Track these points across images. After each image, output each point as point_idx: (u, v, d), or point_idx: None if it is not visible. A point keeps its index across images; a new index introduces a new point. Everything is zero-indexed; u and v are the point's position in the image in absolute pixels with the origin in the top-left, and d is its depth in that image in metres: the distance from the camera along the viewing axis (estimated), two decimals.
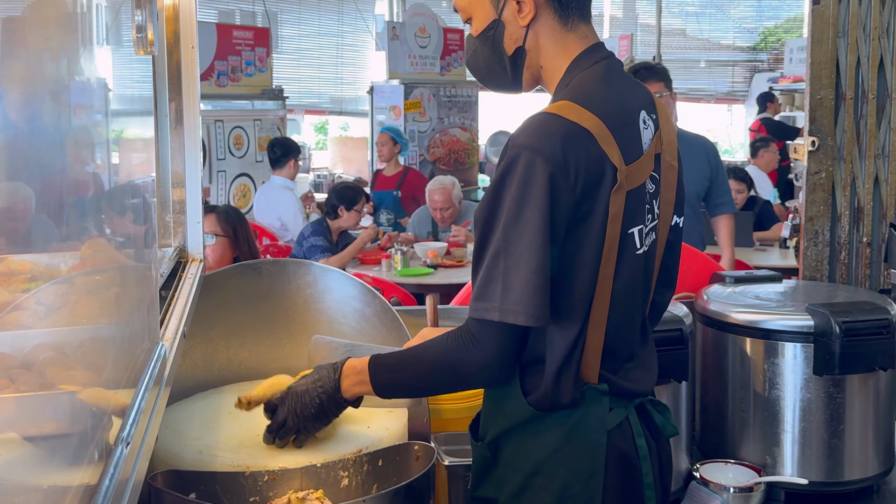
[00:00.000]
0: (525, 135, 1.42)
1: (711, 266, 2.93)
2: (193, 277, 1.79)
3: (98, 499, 0.71)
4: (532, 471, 1.48)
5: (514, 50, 1.55)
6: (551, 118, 1.42)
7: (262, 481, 1.59)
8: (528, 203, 1.38)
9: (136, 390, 0.95)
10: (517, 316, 1.38)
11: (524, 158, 1.39)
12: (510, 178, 1.40)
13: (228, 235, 3.41)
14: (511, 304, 1.38)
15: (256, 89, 7.75)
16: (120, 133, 1.30)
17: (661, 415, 1.60)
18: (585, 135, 1.41)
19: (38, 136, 0.77)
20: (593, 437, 1.47)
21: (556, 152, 1.38)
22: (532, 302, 1.37)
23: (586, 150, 1.41)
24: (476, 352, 1.42)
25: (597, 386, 1.48)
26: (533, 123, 1.43)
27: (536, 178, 1.37)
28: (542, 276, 1.38)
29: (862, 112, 2.59)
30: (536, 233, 1.37)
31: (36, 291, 0.79)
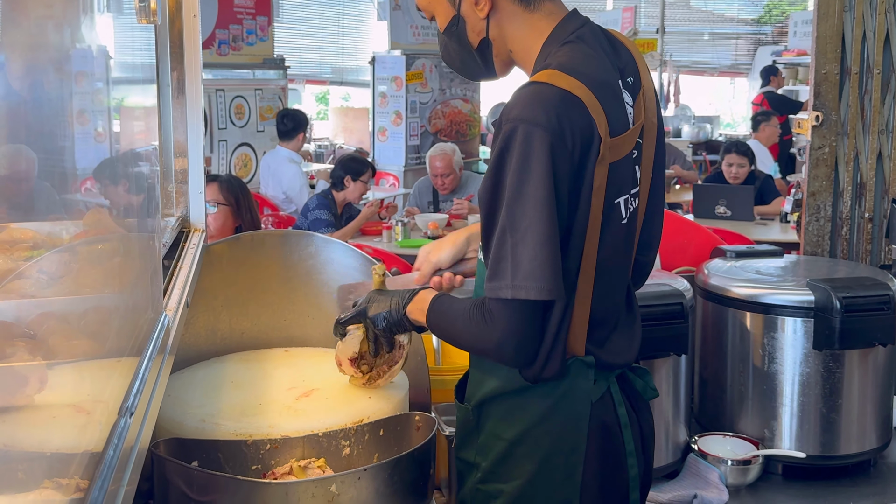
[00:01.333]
0: (518, 107, 1.40)
1: (712, 240, 2.93)
2: (196, 247, 1.79)
3: (102, 468, 0.72)
4: (515, 439, 1.50)
5: (478, 42, 1.56)
6: (543, 87, 1.41)
7: (264, 450, 1.60)
8: (530, 176, 1.37)
9: (139, 360, 0.96)
10: (528, 291, 1.37)
11: (521, 131, 1.37)
12: (509, 153, 1.39)
13: (230, 204, 3.40)
14: (521, 279, 1.37)
15: (258, 58, 7.71)
16: (122, 101, 1.30)
17: (641, 379, 1.61)
18: (577, 102, 1.40)
19: (40, 104, 0.77)
20: (577, 409, 1.48)
21: (553, 121, 1.37)
22: (542, 275, 1.37)
23: (579, 117, 1.40)
24: (491, 330, 1.42)
25: (583, 358, 1.48)
26: (525, 95, 1.42)
27: (535, 150, 1.36)
28: (549, 249, 1.37)
29: (867, 87, 2.58)
30: (540, 205, 1.36)
31: (38, 260, 0.79)
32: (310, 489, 1.45)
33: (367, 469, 1.50)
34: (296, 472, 1.57)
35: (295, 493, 1.44)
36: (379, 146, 8.56)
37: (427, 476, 1.63)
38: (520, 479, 1.50)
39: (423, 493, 1.62)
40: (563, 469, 1.49)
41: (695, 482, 2.02)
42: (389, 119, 8.48)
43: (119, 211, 1.09)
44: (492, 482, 1.53)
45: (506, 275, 1.39)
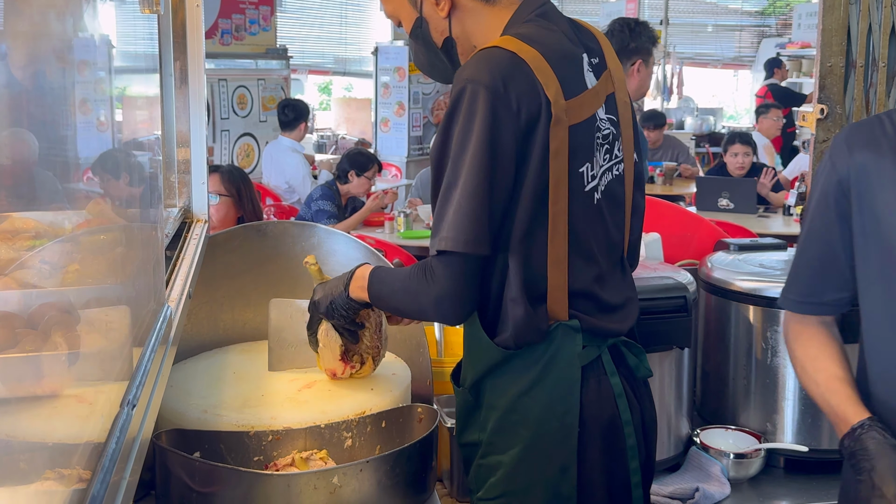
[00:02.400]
0: (468, 68, 1.44)
1: (716, 233, 2.92)
2: (199, 238, 1.79)
3: (104, 460, 0.71)
4: (508, 408, 1.51)
5: (443, 41, 1.59)
6: (492, 50, 1.45)
7: (266, 441, 1.60)
8: (471, 134, 1.40)
9: (141, 352, 0.95)
10: (452, 244, 1.40)
11: (468, 90, 1.41)
12: (457, 112, 1.42)
13: (232, 195, 3.40)
14: (446, 232, 1.41)
15: (260, 48, 7.69)
16: (124, 91, 1.29)
17: (636, 356, 1.61)
18: (524, 65, 1.43)
19: (42, 93, 0.77)
20: (567, 373, 1.49)
21: (497, 81, 1.40)
22: (467, 228, 1.40)
23: (526, 80, 1.42)
24: (430, 285, 1.45)
25: (568, 323, 1.49)
26: (475, 57, 1.46)
27: (478, 109, 1.40)
28: (476, 203, 1.40)
29: (872, 80, 2.57)
30: (475, 162, 1.39)
31: (40, 249, 0.78)
32: (312, 481, 1.45)
33: (369, 461, 1.50)
34: (298, 463, 1.57)
35: (297, 484, 1.44)
36: (381, 137, 8.55)
37: (429, 468, 1.63)
38: (516, 447, 1.51)
39: (424, 485, 1.62)
40: (558, 433, 1.49)
41: (697, 475, 2.02)
42: (392, 110, 8.46)
43: (121, 201, 1.08)
44: (491, 455, 1.54)
45: (437, 230, 1.43)
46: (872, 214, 1.41)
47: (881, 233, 1.40)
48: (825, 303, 1.53)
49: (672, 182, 6.88)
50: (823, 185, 1.47)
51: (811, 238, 1.52)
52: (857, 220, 1.43)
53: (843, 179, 1.43)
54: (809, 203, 1.54)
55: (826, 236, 1.48)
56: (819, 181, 1.49)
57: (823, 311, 1.54)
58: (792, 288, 1.57)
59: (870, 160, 1.41)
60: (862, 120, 1.50)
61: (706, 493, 1.94)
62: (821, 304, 1.53)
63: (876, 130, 1.43)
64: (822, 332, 1.53)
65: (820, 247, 1.50)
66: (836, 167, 1.45)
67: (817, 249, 1.51)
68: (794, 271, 1.57)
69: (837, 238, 1.47)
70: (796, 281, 1.57)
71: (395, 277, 1.57)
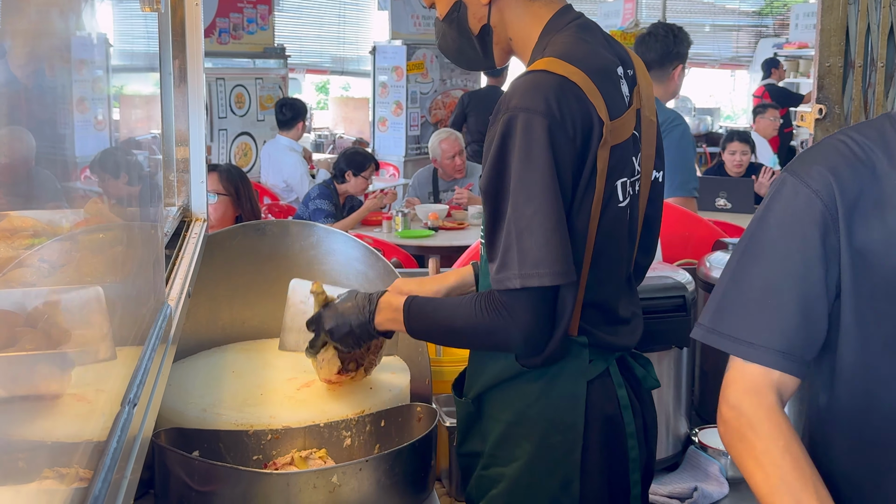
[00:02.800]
0: (517, 96, 1.40)
1: (714, 233, 2.92)
2: (198, 237, 1.79)
3: (106, 459, 0.71)
4: (513, 420, 1.50)
5: (479, 28, 1.56)
6: (540, 75, 1.41)
7: (265, 440, 1.60)
8: (533, 164, 1.36)
9: (142, 351, 0.95)
10: (542, 278, 1.36)
11: (521, 119, 1.37)
12: (510, 141, 1.38)
13: (230, 194, 3.39)
14: (530, 268, 1.36)
15: (258, 47, 7.69)
16: (123, 90, 1.29)
17: (643, 368, 1.61)
18: (575, 88, 1.40)
19: (41, 92, 0.76)
20: (572, 389, 1.48)
21: (552, 108, 1.37)
22: (553, 260, 1.36)
23: (578, 103, 1.40)
24: (512, 323, 1.40)
25: (576, 338, 1.48)
26: (523, 83, 1.41)
27: (536, 137, 1.36)
28: (559, 235, 1.37)
29: (870, 80, 2.57)
30: (546, 192, 1.36)
31: (39, 248, 0.78)
32: (311, 480, 1.44)
33: (368, 460, 1.50)
34: (297, 462, 1.57)
35: (296, 483, 1.44)
36: (379, 136, 8.55)
37: (428, 467, 1.63)
38: (519, 460, 1.50)
39: (424, 484, 1.62)
40: (561, 448, 1.48)
41: (695, 475, 2.02)
42: (390, 109, 8.46)
43: (120, 200, 1.08)
44: (493, 467, 1.53)
45: (513, 265, 1.37)
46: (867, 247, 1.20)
47: (880, 268, 1.19)
48: (806, 363, 1.23)
49: None
50: (801, 209, 1.22)
51: (785, 275, 1.22)
52: (846, 255, 1.20)
53: (824, 208, 1.20)
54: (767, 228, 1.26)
55: (808, 274, 1.21)
56: (786, 209, 1.23)
57: (802, 374, 1.23)
58: (763, 333, 1.21)
59: (856, 182, 1.20)
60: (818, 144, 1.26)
61: (704, 492, 1.94)
62: (802, 363, 1.22)
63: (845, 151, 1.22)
64: (787, 422, 1.19)
65: (802, 287, 1.21)
66: (815, 193, 1.21)
67: (797, 290, 1.21)
68: (766, 311, 1.22)
69: (821, 277, 1.21)
70: (772, 325, 1.21)
71: (447, 313, 1.51)
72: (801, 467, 1.15)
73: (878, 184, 1.20)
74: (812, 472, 1.16)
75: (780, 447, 1.17)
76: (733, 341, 1.24)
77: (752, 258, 1.26)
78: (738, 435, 1.21)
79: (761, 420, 1.19)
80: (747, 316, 1.23)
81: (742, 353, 1.23)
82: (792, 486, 1.14)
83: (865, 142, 1.23)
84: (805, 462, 1.17)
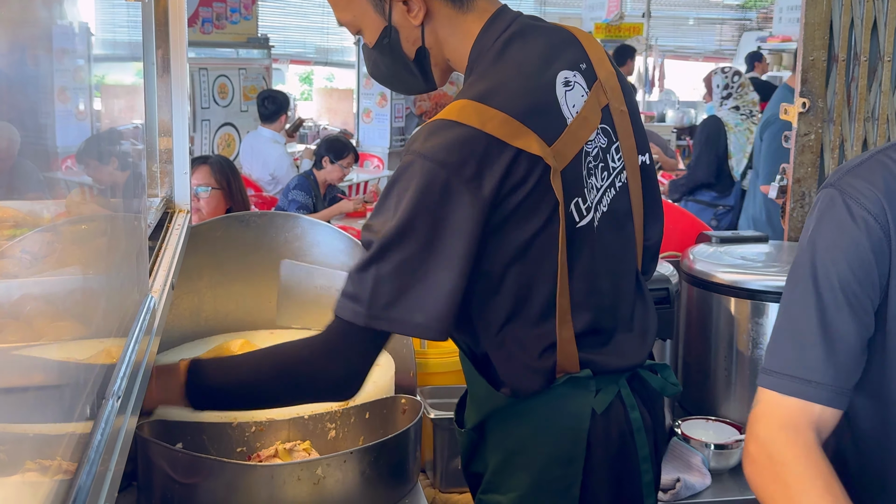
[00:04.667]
0: (425, 142, 1.29)
1: (698, 225, 2.94)
2: (181, 228, 1.78)
3: (90, 451, 0.71)
4: (514, 449, 1.43)
5: (415, 52, 1.45)
6: (452, 126, 1.30)
7: (249, 432, 1.60)
8: (420, 214, 1.27)
9: (126, 342, 0.95)
10: (391, 323, 1.28)
11: (419, 166, 1.28)
12: (405, 184, 1.28)
13: (222, 187, 3.35)
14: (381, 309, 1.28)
15: (241, 37, 7.65)
16: (106, 79, 1.28)
17: (660, 375, 1.52)
18: (490, 140, 1.29)
19: (23, 81, 0.76)
20: (573, 424, 1.40)
21: (460, 163, 1.27)
22: (437, 315, 1.28)
23: (495, 155, 1.29)
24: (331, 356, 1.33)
25: (578, 374, 1.40)
26: (432, 128, 1.31)
27: (431, 188, 1.27)
28: (452, 290, 1.28)
29: (853, 74, 2.58)
30: (427, 245, 1.27)
31: (21, 239, 0.77)
32: (295, 472, 1.44)
33: (352, 452, 1.50)
34: (281, 454, 1.57)
35: (280, 475, 1.44)
36: (363, 127, 8.53)
37: (413, 459, 1.63)
38: (516, 490, 1.43)
39: (408, 475, 1.62)
40: (560, 482, 1.41)
41: (678, 466, 2.03)
42: (374, 100, 8.44)
43: (103, 190, 1.07)
44: (491, 492, 1.47)
45: (362, 299, 1.28)
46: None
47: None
48: (848, 392, 1.16)
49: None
50: (852, 238, 1.14)
51: (837, 306, 1.15)
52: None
53: (881, 232, 1.12)
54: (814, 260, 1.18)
55: (864, 302, 1.15)
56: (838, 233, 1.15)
57: (845, 406, 1.17)
58: (820, 368, 1.14)
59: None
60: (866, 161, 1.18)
61: (687, 483, 1.95)
62: (850, 394, 1.16)
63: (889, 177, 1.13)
64: (825, 461, 1.12)
65: (854, 319, 1.15)
66: (871, 216, 1.12)
67: (855, 321, 1.15)
68: (820, 347, 1.15)
69: (871, 306, 1.16)
70: (828, 360, 1.14)
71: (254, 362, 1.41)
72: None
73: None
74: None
75: (818, 488, 1.08)
76: (783, 377, 1.16)
77: (803, 286, 1.19)
78: (772, 475, 1.12)
79: (798, 458, 1.10)
80: (801, 349, 1.16)
81: (790, 391, 1.15)
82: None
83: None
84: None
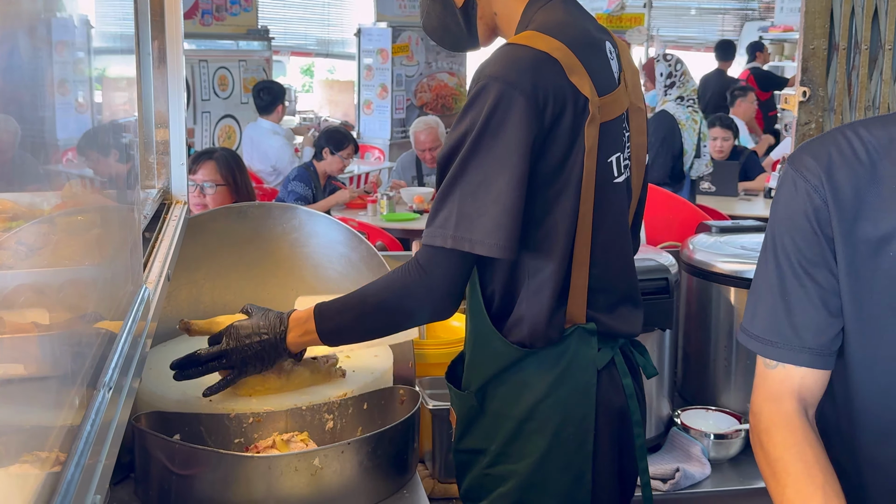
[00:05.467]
0: (494, 65, 1.37)
1: (697, 215, 2.93)
2: (178, 220, 1.77)
3: (79, 443, 0.70)
4: (524, 416, 1.46)
5: (463, 2, 1.52)
6: (519, 48, 1.38)
7: (246, 423, 1.60)
8: (496, 135, 1.34)
9: (119, 334, 0.94)
10: (473, 245, 1.34)
11: (495, 89, 1.34)
12: (478, 109, 1.35)
13: (228, 183, 3.33)
14: (464, 231, 1.34)
15: (241, 29, 7.63)
16: (103, 71, 1.27)
17: (642, 356, 1.59)
18: (555, 65, 1.37)
19: (17, 73, 0.75)
20: (584, 379, 1.45)
21: (527, 83, 1.34)
22: (493, 230, 1.34)
23: (557, 80, 1.37)
24: (427, 281, 1.39)
25: (585, 326, 1.45)
26: (501, 54, 1.39)
27: (507, 109, 1.34)
28: (505, 206, 1.34)
29: (854, 63, 2.57)
30: (503, 164, 1.34)
31: (17, 231, 0.77)
32: (293, 463, 1.44)
33: (350, 443, 1.50)
34: (279, 445, 1.56)
35: (277, 466, 1.43)
36: (364, 119, 8.52)
37: (411, 450, 1.63)
38: (531, 456, 1.46)
39: (406, 466, 1.62)
40: (574, 441, 1.45)
41: (677, 456, 2.03)
42: (375, 92, 8.42)
43: (97, 182, 1.07)
44: (501, 464, 1.49)
45: (449, 225, 1.35)
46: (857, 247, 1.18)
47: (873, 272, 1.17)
48: (832, 353, 1.22)
49: None
50: (799, 210, 1.21)
51: (793, 272, 1.21)
52: (841, 253, 1.19)
53: (820, 207, 1.19)
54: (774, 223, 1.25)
55: (819, 265, 1.20)
56: (788, 203, 1.22)
57: (828, 366, 1.23)
58: (784, 332, 1.21)
59: (851, 184, 1.17)
60: (823, 136, 1.23)
61: (687, 473, 1.95)
62: (829, 355, 1.22)
63: (846, 149, 1.19)
64: (804, 428, 1.19)
65: (814, 280, 1.20)
66: (812, 188, 1.19)
67: (811, 284, 1.20)
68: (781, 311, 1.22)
69: (829, 269, 1.20)
70: (788, 323, 1.21)
71: (358, 296, 1.48)
72: (812, 475, 1.14)
73: (877, 187, 1.17)
74: (824, 480, 1.14)
75: (792, 455, 1.16)
76: (759, 341, 1.24)
77: (764, 254, 1.26)
78: (758, 442, 1.22)
79: (777, 427, 1.20)
80: (768, 314, 1.23)
81: (765, 353, 1.24)
82: (802, 493, 1.13)
83: (871, 140, 1.19)
84: (818, 469, 1.15)
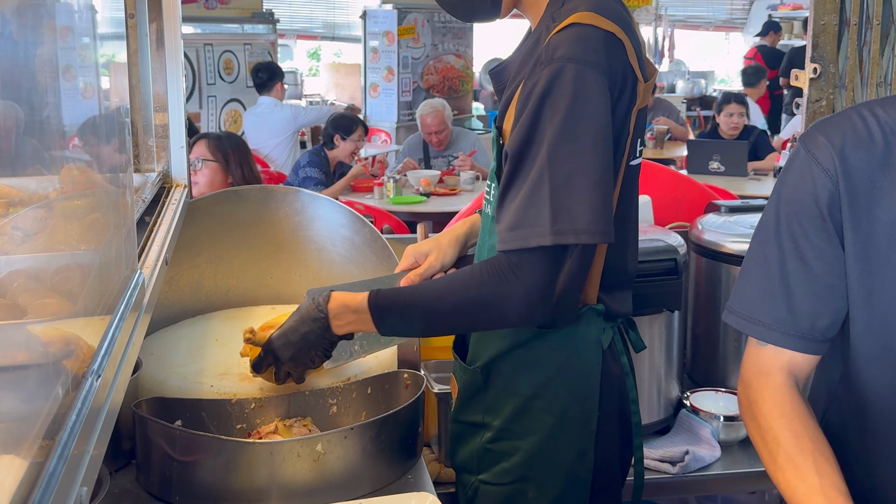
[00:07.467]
0: (565, 46, 1.30)
1: (706, 195, 2.89)
2: (177, 203, 1.75)
3: (63, 433, 0.68)
4: (533, 394, 1.46)
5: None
6: (588, 28, 1.32)
7: (248, 408, 1.58)
8: (581, 117, 1.28)
9: (110, 320, 0.92)
10: (578, 235, 1.28)
11: (570, 70, 1.28)
12: (555, 93, 1.29)
13: (218, 161, 3.32)
14: (565, 223, 1.27)
15: (246, 12, 7.59)
16: (100, 55, 1.25)
17: (633, 331, 1.60)
18: (620, 45, 1.35)
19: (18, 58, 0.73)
20: (590, 358, 1.46)
21: (603, 62, 1.31)
22: (596, 218, 1.28)
23: (623, 60, 1.35)
24: (519, 286, 1.30)
25: (595, 307, 1.45)
26: (570, 35, 1.32)
27: (588, 90, 1.28)
28: (602, 192, 1.29)
29: (865, 39, 2.52)
30: (595, 147, 1.29)
31: (14, 216, 0.76)
32: (295, 448, 1.42)
33: (353, 428, 1.47)
34: (281, 431, 1.55)
35: (280, 452, 1.41)
36: (371, 102, 8.47)
37: (416, 434, 1.61)
38: (538, 433, 1.47)
39: (411, 451, 1.60)
40: (580, 418, 1.46)
41: (687, 438, 2.00)
42: (381, 75, 8.37)
43: (92, 167, 1.05)
44: (505, 440, 1.49)
45: (543, 221, 1.28)
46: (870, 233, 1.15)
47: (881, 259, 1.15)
48: (826, 340, 1.22)
49: (663, 145, 6.84)
50: (809, 193, 1.17)
51: (797, 255, 1.19)
52: (851, 239, 1.16)
53: (831, 193, 1.16)
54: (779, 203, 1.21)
55: (825, 251, 1.18)
56: (797, 185, 1.19)
57: (819, 352, 1.23)
58: (780, 316, 1.21)
59: (864, 168, 1.14)
60: (838, 115, 1.18)
61: (696, 455, 1.92)
62: (823, 341, 1.22)
63: (861, 131, 1.15)
64: (792, 399, 1.20)
65: (818, 265, 1.19)
66: (823, 171, 1.16)
67: (815, 269, 1.19)
68: (779, 293, 1.21)
69: (835, 255, 1.18)
70: (785, 307, 1.20)
71: (432, 295, 1.41)
72: (802, 444, 1.15)
73: (892, 170, 1.13)
74: (814, 447, 1.15)
75: (780, 424, 1.18)
76: (748, 321, 1.24)
77: (764, 233, 1.24)
78: (749, 414, 1.23)
79: (766, 399, 1.21)
80: (765, 295, 1.22)
81: (755, 334, 1.24)
82: (793, 462, 1.15)
83: (888, 121, 1.15)
84: (807, 437, 1.16)
